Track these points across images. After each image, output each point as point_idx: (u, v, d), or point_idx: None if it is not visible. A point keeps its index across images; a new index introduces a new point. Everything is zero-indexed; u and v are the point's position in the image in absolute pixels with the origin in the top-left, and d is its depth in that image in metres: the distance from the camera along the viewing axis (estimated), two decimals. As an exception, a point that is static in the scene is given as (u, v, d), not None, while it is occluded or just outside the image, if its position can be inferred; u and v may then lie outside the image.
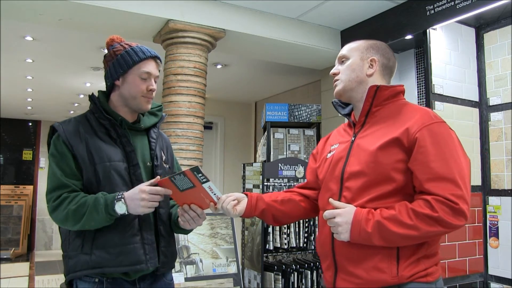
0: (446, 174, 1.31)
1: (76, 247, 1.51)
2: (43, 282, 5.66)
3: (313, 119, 4.04)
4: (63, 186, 1.50)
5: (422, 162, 1.33)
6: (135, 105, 1.63)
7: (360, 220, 1.34)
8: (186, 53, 3.37)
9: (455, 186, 1.30)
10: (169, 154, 1.79)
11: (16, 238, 7.79)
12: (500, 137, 3.01)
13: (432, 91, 2.94)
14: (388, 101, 1.50)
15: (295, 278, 3.35)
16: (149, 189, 1.45)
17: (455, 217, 1.28)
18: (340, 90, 1.55)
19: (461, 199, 1.29)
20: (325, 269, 1.51)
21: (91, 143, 1.53)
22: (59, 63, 5.02)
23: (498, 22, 3.06)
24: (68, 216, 1.46)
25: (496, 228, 2.98)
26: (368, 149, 1.42)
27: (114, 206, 1.43)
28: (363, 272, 1.37)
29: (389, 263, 1.35)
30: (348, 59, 1.55)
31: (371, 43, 1.57)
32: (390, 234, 1.31)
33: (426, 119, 1.38)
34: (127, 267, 1.50)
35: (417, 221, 1.29)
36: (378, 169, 1.38)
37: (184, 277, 2.88)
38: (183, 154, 3.29)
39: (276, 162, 3.52)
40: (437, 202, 1.28)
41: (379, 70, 1.54)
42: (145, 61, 1.60)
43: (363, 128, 1.51)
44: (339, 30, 4.02)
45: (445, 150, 1.34)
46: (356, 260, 1.39)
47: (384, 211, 1.34)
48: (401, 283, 1.34)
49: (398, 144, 1.37)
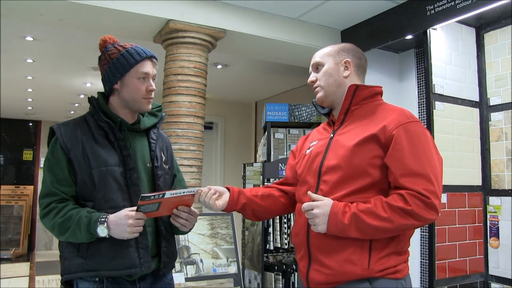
0: (419, 170, 1.37)
1: (72, 249, 1.53)
2: (44, 282, 5.66)
3: (313, 119, 4.04)
4: (52, 194, 1.51)
5: (398, 158, 1.39)
6: (136, 107, 1.63)
7: (337, 212, 1.39)
8: (186, 53, 3.37)
9: (427, 182, 1.36)
10: (169, 155, 1.79)
11: (16, 238, 7.79)
12: (501, 137, 3.01)
13: (432, 91, 2.94)
14: (366, 101, 1.56)
15: (296, 278, 3.35)
16: (135, 214, 1.45)
17: (427, 211, 1.35)
18: (322, 97, 1.62)
19: (433, 194, 1.36)
20: (299, 259, 1.56)
21: (87, 146, 1.53)
22: (59, 63, 5.02)
23: (499, 22, 3.06)
24: (54, 227, 1.50)
25: (497, 228, 2.98)
26: (346, 144, 1.48)
27: (96, 228, 1.44)
28: (335, 263, 1.42)
29: (361, 255, 1.40)
30: (323, 65, 1.62)
31: (340, 46, 1.65)
32: (366, 226, 1.36)
33: (402, 118, 1.45)
34: (121, 271, 1.51)
35: (391, 214, 1.35)
36: (355, 164, 1.44)
37: (185, 277, 2.88)
38: (183, 154, 3.29)
39: (277, 162, 3.52)
40: (411, 196, 1.35)
41: (354, 70, 1.61)
42: (141, 63, 1.59)
43: (342, 125, 1.57)
44: (339, 30, 4.02)
45: (420, 148, 1.40)
46: (329, 251, 1.44)
47: (360, 204, 1.39)
48: (371, 276, 1.39)
49: (375, 141, 1.43)
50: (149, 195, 1.42)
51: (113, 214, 1.47)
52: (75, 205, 1.52)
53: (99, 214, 1.47)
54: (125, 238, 1.48)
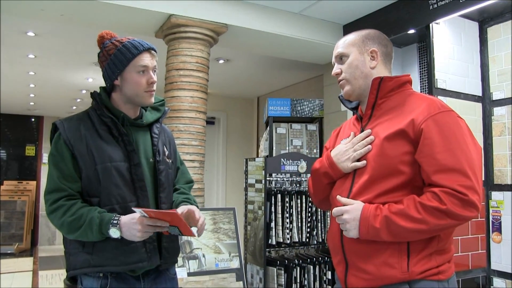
0: (453, 164, 1.28)
1: (77, 245, 1.53)
2: (47, 277, 5.69)
3: (315, 114, 4.04)
4: (59, 189, 1.51)
5: (429, 154, 1.30)
6: (138, 102, 1.62)
7: (368, 217, 1.33)
8: (188, 48, 3.36)
9: (463, 176, 1.26)
10: (172, 149, 1.78)
11: (19, 234, 7.82)
12: (503, 132, 3.00)
13: (435, 85, 2.93)
14: (394, 92, 1.47)
15: (298, 273, 3.35)
16: (147, 221, 1.44)
17: (465, 209, 1.25)
18: (349, 91, 1.52)
19: (471, 189, 1.26)
20: (336, 264, 1.50)
21: (91, 142, 1.53)
22: (61, 59, 5.02)
23: (502, 16, 3.04)
24: (63, 226, 1.49)
25: (499, 223, 2.97)
26: (374, 143, 1.41)
27: (108, 230, 1.44)
28: (373, 268, 1.36)
29: (399, 258, 1.33)
30: (348, 56, 1.52)
31: (365, 34, 1.54)
32: (399, 229, 1.29)
33: (432, 109, 1.35)
34: (129, 266, 1.51)
35: (425, 215, 1.26)
36: (385, 162, 1.36)
37: (187, 272, 2.89)
38: (185, 149, 3.29)
39: (279, 157, 3.51)
40: (445, 194, 1.26)
41: (381, 60, 1.51)
42: (139, 56, 1.56)
43: (370, 121, 1.48)
44: (341, 25, 4.01)
45: (452, 140, 1.30)
46: (365, 255, 1.38)
47: (392, 205, 1.32)
48: (412, 279, 1.32)
49: (404, 136, 1.35)
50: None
51: (126, 216, 1.47)
52: (83, 204, 1.51)
53: (110, 215, 1.47)
54: (135, 240, 1.48)
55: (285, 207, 3.40)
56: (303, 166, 3.53)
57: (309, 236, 3.48)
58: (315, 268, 3.43)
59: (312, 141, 4.07)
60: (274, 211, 3.38)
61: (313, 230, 3.49)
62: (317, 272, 3.43)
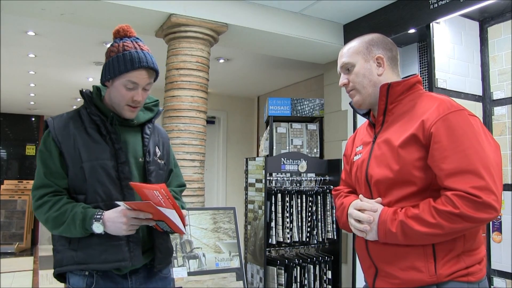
0: (465, 166, 1.25)
1: (64, 242, 1.54)
2: (47, 276, 5.69)
3: (316, 113, 4.04)
4: (46, 185, 1.52)
5: (439, 159, 1.28)
6: (118, 111, 1.61)
7: (385, 220, 1.34)
8: (188, 48, 3.36)
9: (476, 177, 1.23)
10: (165, 150, 1.77)
11: (20, 233, 7.82)
12: (504, 131, 3.00)
13: (435, 85, 2.93)
14: (404, 95, 1.45)
15: (298, 273, 3.36)
16: (130, 213, 1.45)
17: (479, 211, 1.22)
18: (360, 100, 1.51)
19: (485, 190, 1.22)
20: (366, 269, 1.50)
21: (79, 140, 1.53)
22: (61, 58, 5.02)
23: (502, 16, 3.04)
24: (48, 221, 1.50)
25: (499, 223, 2.97)
26: (387, 151, 1.40)
27: (92, 225, 1.44)
28: (400, 272, 1.35)
29: (425, 261, 1.31)
30: (354, 65, 1.49)
31: (368, 40, 1.51)
32: (414, 233, 1.29)
33: (441, 109, 1.32)
34: (111, 264, 1.51)
35: (440, 219, 1.25)
36: (400, 170, 1.35)
37: (187, 271, 2.89)
38: (185, 148, 3.29)
39: (279, 157, 3.51)
40: (458, 197, 1.23)
41: (388, 65, 1.49)
42: (133, 72, 1.52)
43: (383, 127, 1.47)
44: (342, 24, 4.01)
45: (464, 140, 1.27)
46: (391, 259, 1.38)
47: (409, 210, 1.32)
48: (440, 282, 1.30)
49: (416, 141, 1.33)
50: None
51: (109, 211, 1.48)
52: (69, 199, 1.52)
53: (94, 210, 1.48)
54: (122, 235, 1.48)
55: (285, 206, 3.40)
56: (303, 165, 3.52)
57: (309, 236, 3.48)
58: (315, 267, 3.43)
59: (312, 140, 4.07)
60: (274, 210, 3.38)
61: (313, 230, 3.49)
62: (317, 272, 3.44)
